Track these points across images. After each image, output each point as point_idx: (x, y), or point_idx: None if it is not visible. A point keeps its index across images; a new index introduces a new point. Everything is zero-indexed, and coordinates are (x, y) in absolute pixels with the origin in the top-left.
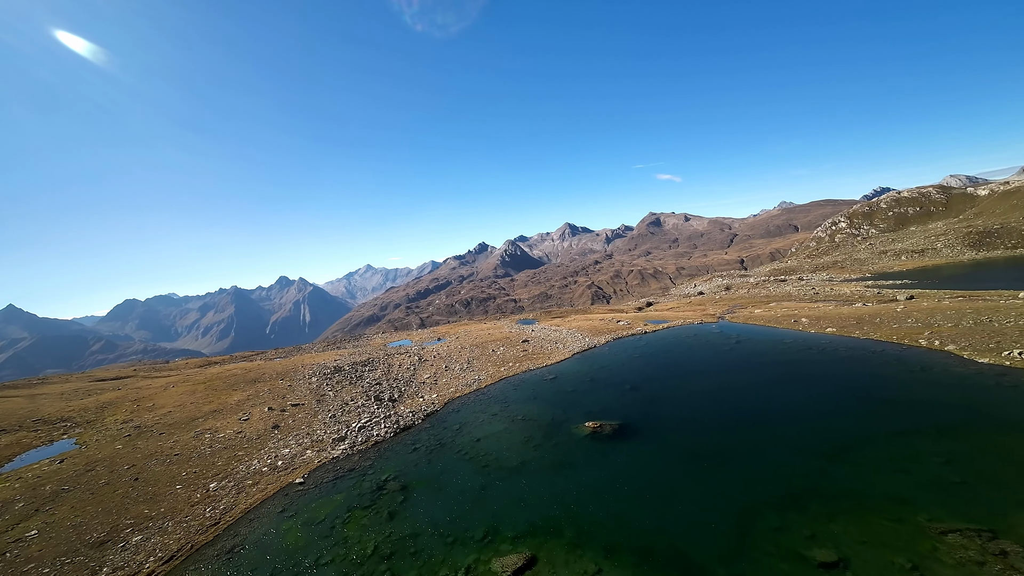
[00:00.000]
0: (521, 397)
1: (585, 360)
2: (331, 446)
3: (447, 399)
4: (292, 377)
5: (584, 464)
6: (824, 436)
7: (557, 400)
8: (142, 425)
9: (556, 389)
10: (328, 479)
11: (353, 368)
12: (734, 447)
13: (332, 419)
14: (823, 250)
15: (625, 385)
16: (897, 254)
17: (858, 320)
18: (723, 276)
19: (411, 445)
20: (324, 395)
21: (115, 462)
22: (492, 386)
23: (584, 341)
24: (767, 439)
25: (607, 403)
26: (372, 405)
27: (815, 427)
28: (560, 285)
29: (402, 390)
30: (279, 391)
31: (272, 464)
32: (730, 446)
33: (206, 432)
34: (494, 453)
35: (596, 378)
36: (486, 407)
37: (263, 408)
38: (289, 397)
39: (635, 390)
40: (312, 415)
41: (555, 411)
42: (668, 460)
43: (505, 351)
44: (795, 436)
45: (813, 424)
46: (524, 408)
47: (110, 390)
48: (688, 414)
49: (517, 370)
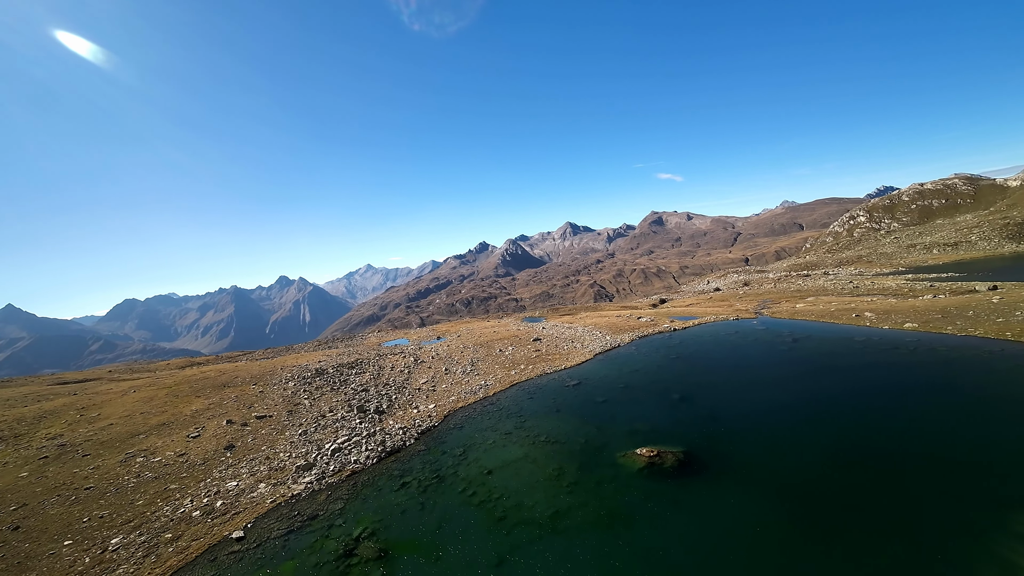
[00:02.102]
0: (540, 409)
1: (611, 362)
2: (293, 477)
3: (447, 411)
4: (267, 381)
5: (647, 518)
6: (1008, 480)
7: (588, 414)
8: (69, 443)
9: (583, 399)
10: (278, 533)
11: (338, 371)
12: (867, 494)
13: (302, 437)
14: (843, 245)
15: (671, 395)
16: (927, 248)
17: (943, 314)
18: (738, 272)
19: (399, 478)
20: (298, 404)
21: (4, 499)
22: (502, 394)
23: (605, 339)
24: (915, 482)
25: (654, 419)
26: (354, 418)
27: (978, 464)
28: (562, 284)
29: (392, 398)
30: (247, 399)
31: (208, 506)
32: (860, 491)
33: (140, 454)
34: (513, 495)
35: (631, 385)
36: (497, 422)
37: (221, 421)
38: (257, 407)
39: (686, 402)
40: (278, 431)
41: (588, 429)
42: (773, 512)
43: (515, 351)
44: (953, 476)
45: (973, 459)
46: (546, 425)
47: (65, 395)
48: (773, 438)
49: (531, 373)
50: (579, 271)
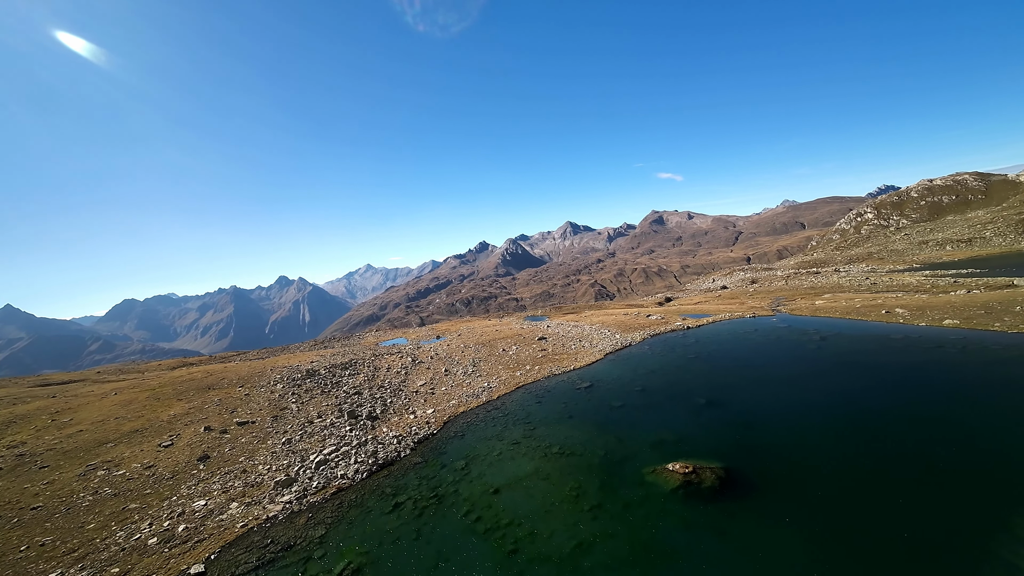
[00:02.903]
0: (551, 415)
1: (623, 362)
2: (270, 495)
3: (447, 416)
4: (254, 383)
5: (690, 553)
6: None
7: (604, 420)
8: (30, 452)
9: (597, 403)
10: (245, 567)
11: (330, 372)
12: (953, 521)
13: (285, 447)
14: (851, 242)
15: (695, 398)
16: (940, 244)
17: (986, 310)
18: (744, 270)
19: (391, 497)
20: (285, 409)
21: None
22: (507, 397)
23: (615, 338)
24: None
25: (680, 427)
26: (344, 425)
27: None
28: (562, 284)
29: (387, 402)
30: (231, 402)
31: (168, 531)
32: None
33: (103, 466)
34: (525, 520)
35: (649, 387)
36: (503, 430)
37: (199, 428)
38: (240, 411)
39: (714, 407)
40: (260, 439)
41: (607, 439)
42: (835, 545)
43: (519, 351)
44: None
45: None
46: (559, 433)
47: (43, 398)
48: (821, 451)
49: (537, 375)
50: (580, 271)
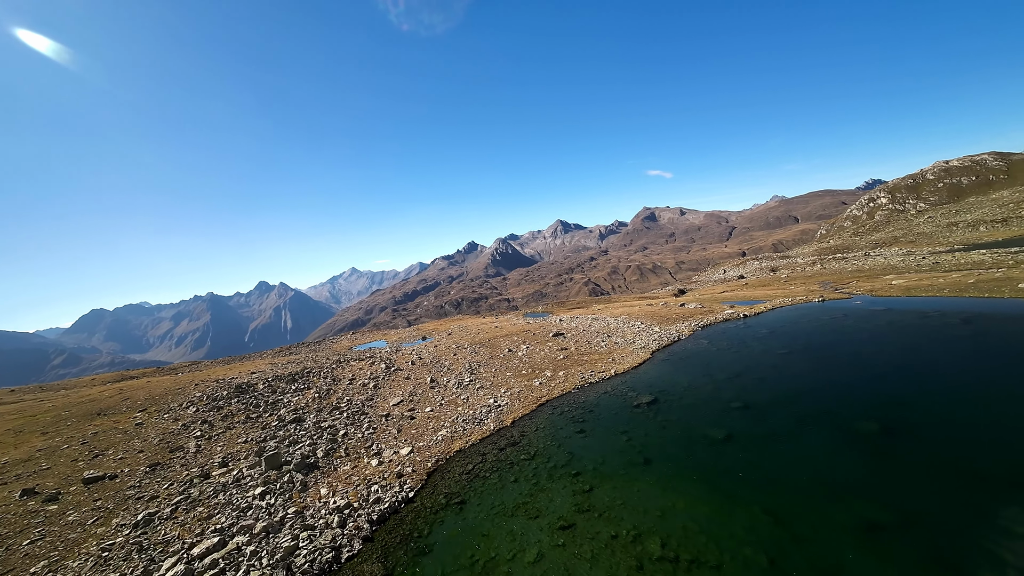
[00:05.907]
0: (610, 457)
1: (682, 362)
2: None
3: (433, 460)
4: (162, 406)
5: None
6: None
7: (711, 468)
8: None
9: (680, 432)
10: None
11: (270, 387)
12: None
13: (135, 535)
14: (868, 228)
15: (857, 423)
16: (971, 226)
17: None
18: (759, 260)
19: None
20: (178, 449)
21: None
22: (527, 421)
23: (655, 332)
24: None
25: (868, 483)
26: (255, 482)
27: None
28: (555, 283)
29: (339, 436)
30: (106, 439)
31: None
32: None
33: None
34: None
35: (752, 403)
36: (533, 490)
37: (18, 489)
38: (108, 455)
39: (897, 436)
40: (103, 515)
41: (741, 515)
42: None
43: (531, 351)
44: None
45: None
46: (639, 499)
47: None
48: None
49: (565, 384)
50: (572, 269)
